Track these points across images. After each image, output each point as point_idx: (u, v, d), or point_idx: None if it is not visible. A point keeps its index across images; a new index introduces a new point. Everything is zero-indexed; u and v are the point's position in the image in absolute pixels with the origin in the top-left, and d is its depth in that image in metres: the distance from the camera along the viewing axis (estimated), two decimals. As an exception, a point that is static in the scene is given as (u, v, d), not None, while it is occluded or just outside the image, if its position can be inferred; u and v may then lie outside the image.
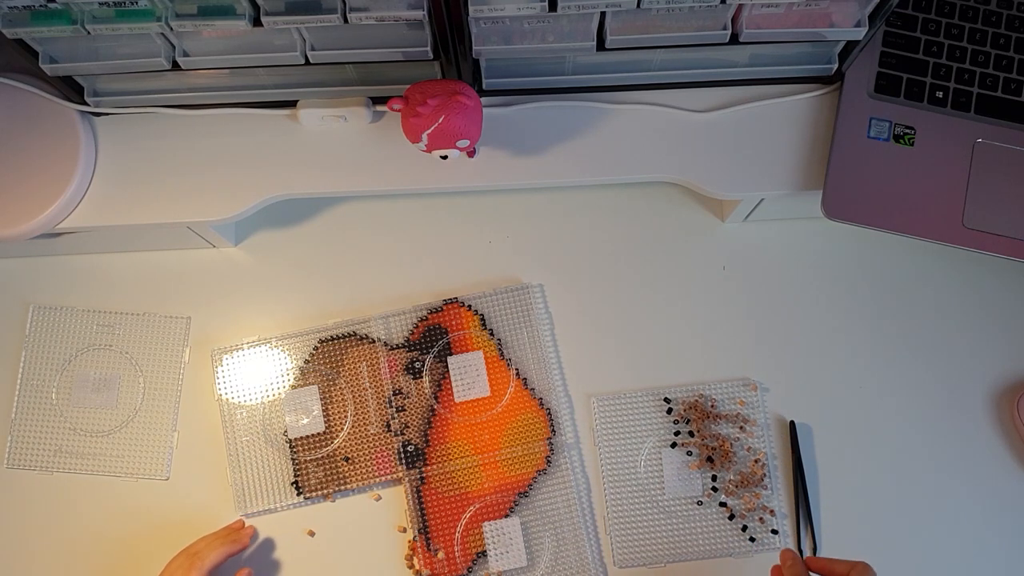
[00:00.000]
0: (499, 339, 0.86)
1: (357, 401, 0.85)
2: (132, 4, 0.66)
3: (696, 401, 0.85)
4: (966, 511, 0.83)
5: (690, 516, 0.82)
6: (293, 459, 0.84)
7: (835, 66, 0.78)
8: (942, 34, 0.79)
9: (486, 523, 0.82)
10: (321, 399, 0.85)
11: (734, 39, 0.73)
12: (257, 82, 0.79)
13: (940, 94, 0.79)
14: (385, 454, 0.84)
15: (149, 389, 0.86)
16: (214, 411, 0.86)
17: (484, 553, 0.82)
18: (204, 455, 0.85)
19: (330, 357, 0.86)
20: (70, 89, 0.78)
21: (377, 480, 0.83)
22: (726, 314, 0.87)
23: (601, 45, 0.73)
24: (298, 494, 0.83)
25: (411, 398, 0.85)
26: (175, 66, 0.73)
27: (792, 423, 0.84)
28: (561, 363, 0.86)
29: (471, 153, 0.81)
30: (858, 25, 0.72)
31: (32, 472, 0.85)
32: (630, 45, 0.73)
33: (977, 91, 0.79)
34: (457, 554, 0.82)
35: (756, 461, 0.83)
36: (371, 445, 0.84)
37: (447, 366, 0.85)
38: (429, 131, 0.71)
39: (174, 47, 0.72)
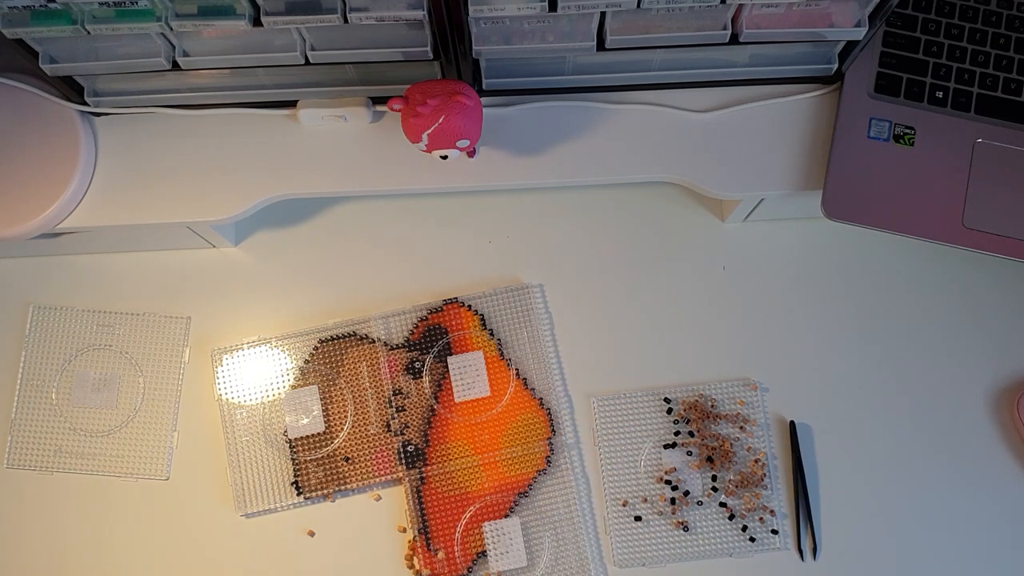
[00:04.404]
0: (499, 339, 0.86)
1: (357, 401, 0.85)
2: (132, 4, 0.66)
3: (696, 401, 0.85)
4: (966, 511, 0.83)
5: (690, 516, 0.82)
6: (293, 459, 0.84)
7: (835, 66, 0.78)
8: (942, 34, 0.79)
9: (486, 523, 0.82)
10: (321, 399, 0.85)
11: (734, 39, 0.73)
12: (257, 82, 0.79)
13: (940, 94, 0.79)
14: (385, 454, 0.84)
15: (149, 389, 0.86)
16: (214, 411, 0.86)
17: (484, 553, 0.82)
18: (204, 455, 0.85)
19: (330, 357, 0.86)
20: (70, 89, 0.78)
21: (377, 480, 0.83)
22: (726, 314, 0.87)
23: (601, 45, 0.73)
24: (298, 494, 0.83)
25: (411, 398, 0.85)
26: (175, 66, 0.73)
27: (792, 423, 0.84)
28: (561, 363, 0.86)
29: (471, 153, 0.81)
30: (858, 25, 0.72)
31: (32, 472, 0.85)
32: (630, 45, 0.73)
33: (977, 91, 0.79)
34: (457, 554, 0.82)
35: (756, 461, 0.83)
36: (371, 445, 0.84)
37: (447, 366, 0.85)
38: (429, 131, 0.71)
39: (174, 47, 0.72)
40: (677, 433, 0.84)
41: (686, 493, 0.83)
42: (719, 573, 0.82)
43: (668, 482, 0.83)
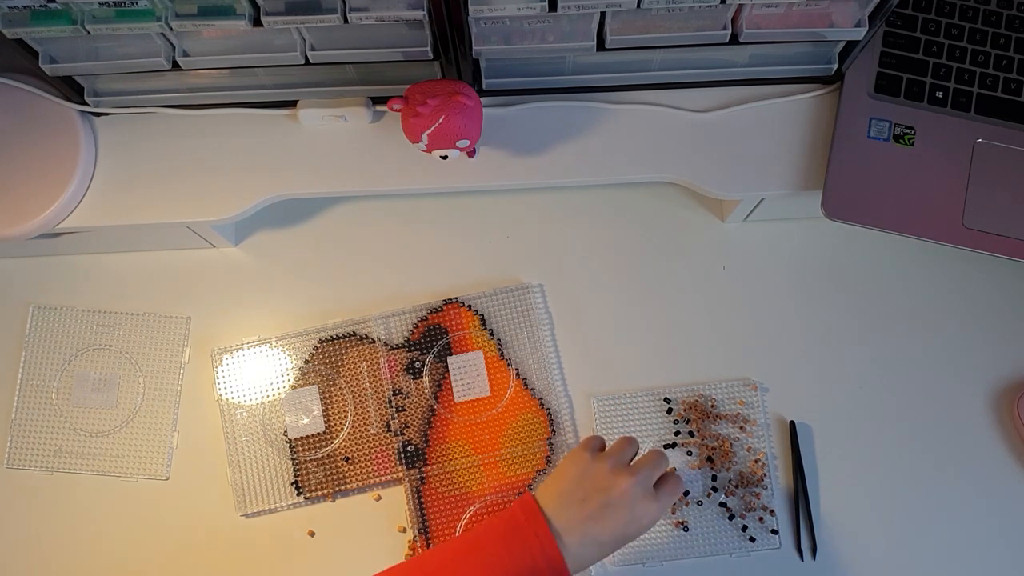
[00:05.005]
0: (499, 339, 0.86)
1: (357, 401, 0.85)
2: (132, 4, 0.66)
3: (696, 401, 0.85)
4: (966, 511, 0.83)
5: (690, 516, 0.82)
6: (293, 459, 0.84)
7: (835, 66, 0.78)
8: (942, 34, 0.79)
9: (486, 523, 0.82)
10: (321, 399, 0.85)
11: (734, 39, 0.73)
12: (257, 82, 0.79)
13: (940, 94, 0.79)
14: (385, 454, 0.84)
15: (149, 389, 0.86)
16: (214, 411, 0.86)
17: (484, 553, 0.82)
18: (204, 455, 0.85)
19: (330, 357, 0.86)
20: (70, 89, 0.78)
21: (377, 480, 0.83)
22: (726, 314, 0.87)
23: (601, 45, 0.73)
24: (298, 494, 0.83)
25: (411, 398, 0.85)
26: (175, 66, 0.73)
27: (792, 423, 0.84)
28: (561, 363, 0.86)
29: (471, 153, 0.81)
30: (858, 25, 0.72)
31: (32, 472, 0.85)
32: (630, 45, 0.73)
33: (977, 91, 0.79)
34: (457, 554, 0.82)
35: (756, 461, 0.83)
36: (371, 445, 0.84)
37: (447, 366, 0.85)
38: (429, 131, 0.71)
39: (174, 47, 0.72)
40: (677, 433, 0.84)
41: (686, 493, 0.83)
42: (719, 573, 0.82)
43: (668, 482, 0.83)
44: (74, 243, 0.86)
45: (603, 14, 0.70)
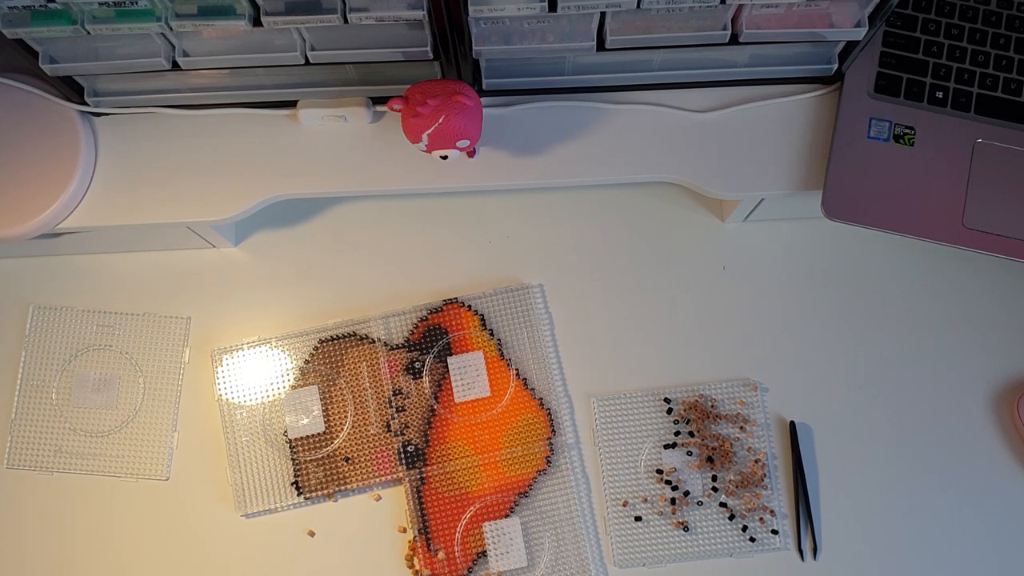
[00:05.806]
0: (499, 339, 0.86)
1: (357, 401, 0.85)
2: (132, 4, 0.66)
3: (696, 401, 0.85)
4: (966, 511, 0.83)
5: (690, 516, 0.82)
6: (293, 459, 0.84)
7: (835, 66, 0.78)
8: (942, 34, 0.79)
9: (486, 523, 0.82)
10: (321, 399, 0.85)
11: (734, 39, 0.73)
12: (257, 82, 0.79)
13: (940, 94, 0.79)
14: (385, 454, 0.84)
15: (149, 389, 0.86)
16: (214, 411, 0.86)
17: (484, 553, 0.82)
18: (204, 455, 0.85)
19: (330, 357, 0.86)
20: (70, 89, 0.78)
21: (377, 480, 0.83)
22: (726, 314, 0.87)
23: (601, 45, 0.73)
24: (298, 494, 0.83)
25: (411, 398, 0.85)
26: (175, 66, 0.73)
27: (792, 423, 0.84)
28: (561, 363, 0.86)
29: (471, 153, 0.81)
30: (858, 25, 0.72)
31: (32, 472, 0.85)
32: (630, 45, 0.73)
33: (977, 91, 0.79)
34: (457, 554, 0.82)
35: (756, 461, 0.83)
36: (371, 445, 0.84)
37: (447, 366, 0.85)
38: (429, 131, 0.71)
39: (174, 47, 0.72)
40: (677, 433, 0.84)
41: (686, 493, 0.83)
42: (719, 573, 0.82)
43: (668, 482, 0.83)
44: (74, 243, 0.86)
45: (603, 14, 0.70)
